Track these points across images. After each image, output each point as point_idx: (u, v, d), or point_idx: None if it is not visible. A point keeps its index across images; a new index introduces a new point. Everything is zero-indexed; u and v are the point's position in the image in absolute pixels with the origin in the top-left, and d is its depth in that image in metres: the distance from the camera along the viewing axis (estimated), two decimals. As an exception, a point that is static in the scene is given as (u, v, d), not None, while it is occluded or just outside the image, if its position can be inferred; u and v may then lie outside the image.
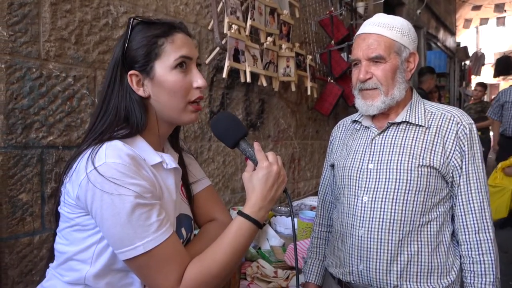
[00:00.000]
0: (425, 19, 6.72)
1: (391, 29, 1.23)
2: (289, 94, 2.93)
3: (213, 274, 0.87)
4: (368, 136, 1.30)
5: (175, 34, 0.94)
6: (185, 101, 0.95)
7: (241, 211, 0.92)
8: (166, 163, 0.95)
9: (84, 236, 0.89)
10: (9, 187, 1.33)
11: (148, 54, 0.92)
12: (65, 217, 0.91)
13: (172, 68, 0.92)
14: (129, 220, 0.82)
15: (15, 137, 1.35)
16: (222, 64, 2.20)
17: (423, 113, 1.26)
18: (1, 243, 1.31)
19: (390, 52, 1.22)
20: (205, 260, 0.88)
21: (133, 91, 0.93)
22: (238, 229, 0.90)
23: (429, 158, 1.19)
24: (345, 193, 1.30)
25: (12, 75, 1.34)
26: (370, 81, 1.24)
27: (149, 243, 0.83)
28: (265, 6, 2.38)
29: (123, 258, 0.84)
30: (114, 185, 0.81)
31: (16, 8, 1.35)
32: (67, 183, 0.89)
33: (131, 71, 0.92)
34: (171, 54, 0.92)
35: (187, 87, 0.94)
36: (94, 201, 0.83)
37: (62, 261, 0.93)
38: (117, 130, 0.91)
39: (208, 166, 2.23)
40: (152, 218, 0.84)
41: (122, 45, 0.93)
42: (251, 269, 1.68)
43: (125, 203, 0.81)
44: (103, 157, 0.83)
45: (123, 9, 1.72)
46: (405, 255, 1.17)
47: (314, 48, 3.19)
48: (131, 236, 0.82)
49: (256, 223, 0.92)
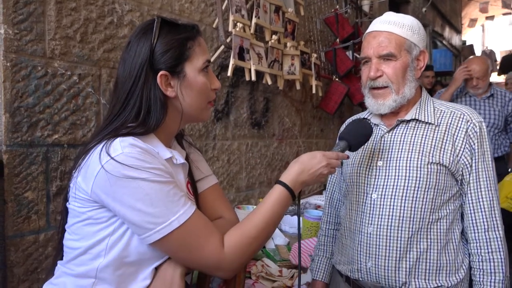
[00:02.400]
0: (430, 17, 6.68)
1: (401, 27, 1.22)
2: (294, 93, 2.92)
3: (253, 236, 0.93)
4: (377, 133, 1.30)
5: (199, 38, 0.99)
6: (207, 101, 1.02)
7: (280, 180, 1.01)
8: (176, 158, 0.98)
9: (96, 230, 0.89)
10: (15, 185, 1.33)
11: (179, 56, 0.94)
12: (76, 212, 0.92)
13: (200, 71, 0.97)
14: (159, 198, 0.85)
15: (20, 135, 1.35)
16: (226, 62, 2.19)
17: (432, 111, 1.25)
18: (7, 241, 1.31)
19: (400, 50, 1.21)
20: (245, 225, 0.95)
21: (159, 91, 0.94)
22: (276, 195, 0.99)
23: (439, 156, 1.18)
24: (354, 190, 1.29)
25: (18, 74, 1.34)
26: (381, 79, 1.23)
27: (182, 216, 0.86)
28: (270, 4, 2.37)
29: (158, 237, 0.85)
30: (136, 170, 0.84)
31: (22, 6, 1.35)
32: (78, 177, 0.90)
33: (161, 71, 0.93)
34: (200, 58, 0.97)
35: (209, 88, 1.00)
36: (116, 190, 0.84)
37: (73, 257, 0.93)
38: (129, 127, 0.92)
39: (213, 165, 2.23)
40: (179, 193, 0.88)
41: (150, 45, 0.93)
42: (256, 268, 1.67)
43: (151, 183, 0.84)
44: (119, 148, 0.85)
45: (128, 7, 1.72)
46: (414, 252, 1.17)
47: (319, 46, 3.18)
48: (164, 212, 0.85)
49: (291, 193, 1.00)
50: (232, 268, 0.92)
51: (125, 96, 0.94)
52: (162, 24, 0.95)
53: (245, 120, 2.46)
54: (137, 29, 0.98)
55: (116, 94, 0.97)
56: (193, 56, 0.96)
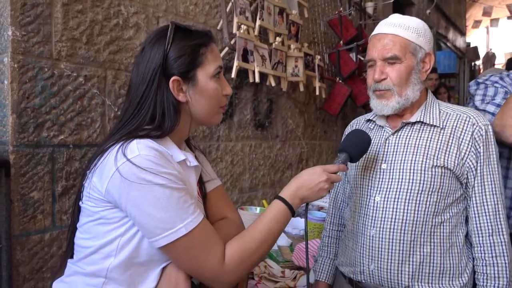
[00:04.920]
0: (434, 19, 6.67)
1: (407, 29, 1.22)
2: (298, 94, 2.92)
3: (253, 251, 0.95)
4: (382, 135, 1.30)
5: (212, 44, 1.01)
6: (218, 106, 1.04)
7: (280, 196, 1.03)
8: (189, 160, 0.99)
9: (108, 229, 0.91)
10: (21, 185, 1.35)
11: (191, 62, 0.96)
12: (89, 211, 0.93)
13: (212, 77, 0.99)
14: (170, 204, 0.86)
15: (27, 136, 1.36)
16: (231, 64, 2.20)
17: (438, 114, 1.25)
18: (13, 240, 1.33)
19: (405, 53, 1.21)
20: (245, 238, 0.96)
21: (171, 96, 0.96)
22: (275, 210, 1.01)
23: (443, 159, 1.18)
24: (357, 192, 1.30)
25: (25, 75, 1.36)
26: (384, 82, 1.23)
27: (190, 223, 0.88)
28: (274, 6, 2.38)
29: (165, 242, 0.86)
30: (151, 174, 0.85)
31: (29, 8, 1.36)
32: (93, 177, 0.91)
33: (173, 77, 0.95)
34: (211, 64, 0.99)
35: (220, 94, 1.02)
36: (130, 192, 0.85)
37: (84, 256, 0.94)
38: (145, 129, 0.94)
39: (216, 166, 2.24)
40: (189, 201, 0.90)
41: (163, 50, 0.95)
42: (258, 268, 1.68)
43: (164, 188, 0.86)
44: (136, 150, 0.87)
45: (134, 10, 1.73)
46: (417, 255, 1.17)
47: (322, 48, 3.18)
48: (173, 218, 0.86)
49: (290, 208, 1.01)
50: (230, 280, 0.93)
51: (139, 100, 0.96)
52: (176, 30, 0.97)
53: (248, 121, 2.47)
54: (152, 34, 1.00)
55: (129, 98, 0.99)
56: (205, 62, 0.98)
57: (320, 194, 1.06)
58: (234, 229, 1.06)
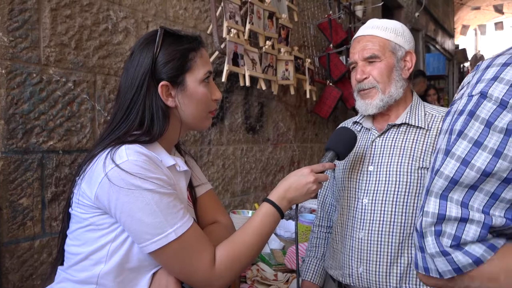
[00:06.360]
0: (423, 21, 6.75)
1: (385, 30, 1.26)
2: (288, 98, 2.94)
3: (243, 254, 0.95)
4: (369, 138, 1.31)
5: (201, 49, 1.01)
6: (207, 111, 1.04)
7: (268, 198, 1.03)
8: (179, 165, 0.99)
9: (98, 236, 0.90)
10: (10, 192, 1.34)
11: (180, 67, 0.96)
12: (78, 217, 0.93)
13: (201, 82, 0.99)
14: (160, 209, 0.86)
15: (15, 142, 1.35)
16: (221, 68, 2.21)
17: (423, 115, 1.26)
18: (2, 247, 1.31)
19: (384, 51, 1.24)
20: (234, 241, 0.96)
21: (160, 101, 0.95)
22: (263, 213, 1.01)
23: (429, 161, 1.19)
24: (345, 195, 1.30)
25: (13, 81, 1.35)
26: (367, 81, 1.26)
27: (179, 228, 0.87)
28: (263, 10, 2.39)
29: (155, 248, 0.86)
30: (140, 179, 0.85)
31: (17, 13, 1.36)
32: (82, 183, 0.91)
33: (162, 81, 0.95)
34: (201, 69, 0.99)
35: (209, 98, 1.02)
36: (119, 197, 0.85)
37: (75, 262, 0.93)
38: (134, 135, 0.93)
39: (208, 170, 2.24)
40: (178, 206, 0.89)
41: (152, 55, 0.95)
42: (251, 272, 1.68)
43: (153, 193, 0.86)
44: (125, 156, 0.86)
45: (123, 14, 1.73)
46: (406, 257, 1.18)
47: (313, 52, 3.21)
48: (162, 224, 0.86)
49: (279, 210, 1.02)
50: (221, 284, 0.93)
51: (127, 105, 0.96)
52: (165, 35, 0.97)
53: (240, 125, 2.47)
54: (141, 39, 1.00)
55: (118, 103, 0.99)
56: (194, 67, 0.98)
57: (308, 195, 1.06)
58: (226, 233, 1.06)
